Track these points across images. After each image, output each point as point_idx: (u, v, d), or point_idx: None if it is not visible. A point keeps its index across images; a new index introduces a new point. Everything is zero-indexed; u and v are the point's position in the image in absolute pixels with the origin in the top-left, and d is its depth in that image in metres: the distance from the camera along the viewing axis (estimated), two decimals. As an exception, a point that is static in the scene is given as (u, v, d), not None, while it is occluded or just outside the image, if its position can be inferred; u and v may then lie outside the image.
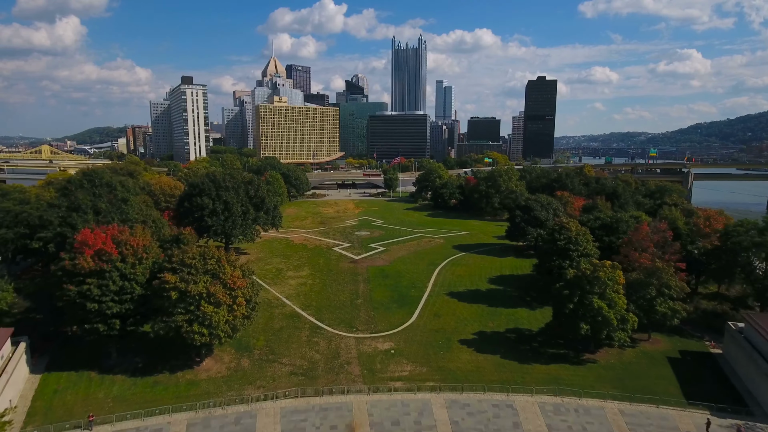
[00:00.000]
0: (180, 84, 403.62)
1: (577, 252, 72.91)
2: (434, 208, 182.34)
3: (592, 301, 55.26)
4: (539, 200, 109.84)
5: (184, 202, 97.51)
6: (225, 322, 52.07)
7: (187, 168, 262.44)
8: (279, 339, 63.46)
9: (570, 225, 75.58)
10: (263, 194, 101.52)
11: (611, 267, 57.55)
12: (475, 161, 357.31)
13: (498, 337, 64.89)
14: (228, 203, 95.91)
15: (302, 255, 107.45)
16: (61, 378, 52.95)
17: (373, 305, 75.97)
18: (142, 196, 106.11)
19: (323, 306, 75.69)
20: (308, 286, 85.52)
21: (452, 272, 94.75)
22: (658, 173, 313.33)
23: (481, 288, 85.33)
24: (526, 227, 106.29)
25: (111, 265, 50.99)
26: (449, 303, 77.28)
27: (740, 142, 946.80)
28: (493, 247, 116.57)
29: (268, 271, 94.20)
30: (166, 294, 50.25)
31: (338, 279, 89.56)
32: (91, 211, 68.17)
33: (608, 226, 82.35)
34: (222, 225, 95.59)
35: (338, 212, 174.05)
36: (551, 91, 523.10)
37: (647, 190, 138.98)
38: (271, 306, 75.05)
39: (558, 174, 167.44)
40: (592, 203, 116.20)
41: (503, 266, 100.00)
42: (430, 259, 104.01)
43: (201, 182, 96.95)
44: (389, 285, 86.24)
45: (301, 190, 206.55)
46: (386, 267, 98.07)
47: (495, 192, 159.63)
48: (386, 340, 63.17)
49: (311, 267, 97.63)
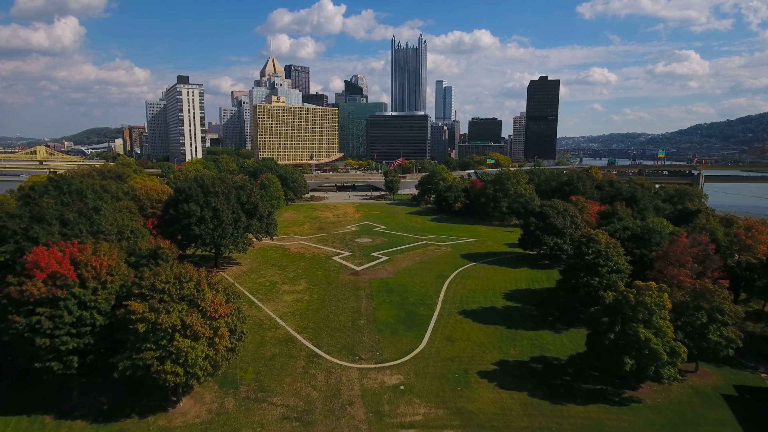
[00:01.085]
0: (176, 83, 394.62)
1: (608, 267, 64.56)
2: (438, 212, 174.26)
3: (638, 332, 46.96)
4: (555, 206, 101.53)
5: (169, 209, 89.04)
6: (204, 358, 43.66)
7: (179, 170, 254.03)
8: (270, 371, 55.01)
9: (599, 237, 67.22)
10: (256, 200, 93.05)
11: (657, 290, 49.24)
12: (477, 162, 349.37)
13: (522, 367, 56.52)
14: (217, 210, 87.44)
15: (299, 265, 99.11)
16: (8, 425, 44.44)
17: (378, 327, 67.59)
18: (125, 202, 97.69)
19: (321, 327, 67.28)
20: (305, 302, 77.10)
21: (463, 286, 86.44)
22: (666, 175, 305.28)
23: (497, 305, 77.00)
24: (541, 236, 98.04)
25: (67, 291, 42.54)
26: (463, 324, 68.91)
27: (741, 143, 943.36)
28: (504, 257, 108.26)
29: (261, 285, 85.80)
30: (131, 327, 41.82)
31: (338, 294, 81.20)
32: (57, 222, 59.73)
33: (639, 237, 73.98)
34: (211, 234, 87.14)
35: (338, 217, 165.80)
36: (554, 92, 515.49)
37: (666, 194, 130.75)
38: (263, 328, 66.62)
39: (568, 177, 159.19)
40: (611, 209, 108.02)
41: (518, 279, 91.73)
42: (437, 271, 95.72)
43: (188, 187, 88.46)
44: (395, 301, 77.88)
45: (299, 193, 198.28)
46: (390, 280, 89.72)
47: (503, 196, 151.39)
48: (394, 372, 54.76)
49: (308, 280, 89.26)
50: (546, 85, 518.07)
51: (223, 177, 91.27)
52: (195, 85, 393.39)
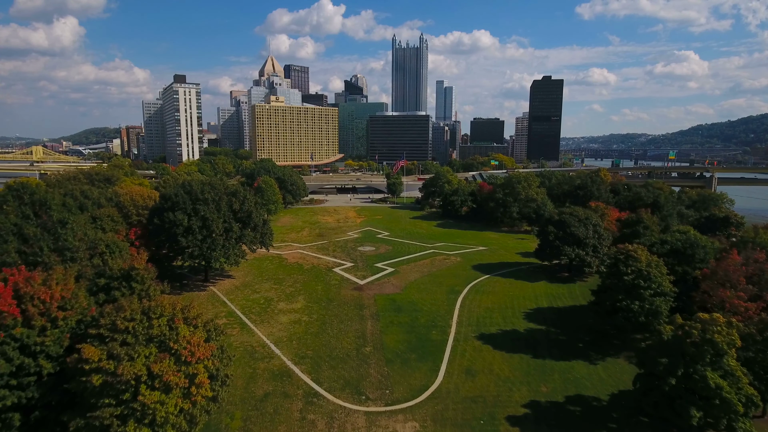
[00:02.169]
0: (172, 83, 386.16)
1: (651, 290, 56.22)
2: (443, 217, 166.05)
3: (706, 377, 38.65)
4: (575, 214, 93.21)
5: (154, 218, 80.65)
6: (178, 414, 35.35)
7: (174, 171, 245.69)
8: (262, 415, 46.61)
9: (638, 253, 58.82)
10: (250, 207, 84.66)
11: (727, 325, 40.94)
12: (481, 164, 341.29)
13: (557, 410, 48.18)
14: (207, 219, 79.06)
15: (297, 278, 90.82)
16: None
17: (386, 355, 59.25)
18: (107, 209, 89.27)
19: (322, 357, 58.92)
20: (303, 325, 68.71)
21: (478, 303, 78.14)
22: (675, 177, 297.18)
23: (518, 327, 68.64)
24: (561, 246, 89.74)
25: (5, 333, 34.19)
26: (482, 352, 60.56)
27: (743, 144, 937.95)
28: (519, 268, 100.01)
29: (255, 303, 77.43)
30: (85, 378, 33.49)
31: (340, 314, 72.85)
32: (15, 238, 51.40)
33: (680, 252, 65.58)
34: (199, 246, 78.80)
35: (338, 222, 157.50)
36: (557, 92, 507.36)
37: (689, 199, 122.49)
38: (255, 357, 58.24)
39: (582, 180, 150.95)
40: (634, 217, 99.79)
41: (537, 294, 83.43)
42: (449, 285, 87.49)
43: (174, 194, 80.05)
44: (404, 323, 69.53)
45: (298, 196, 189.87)
46: (398, 296, 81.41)
47: (513, 200, 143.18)
48: (408, 418, 46.38)
49: (307, 296, 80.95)
50: (549, 85, 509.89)
51: (214, 182, 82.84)
52: (192, 84, 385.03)
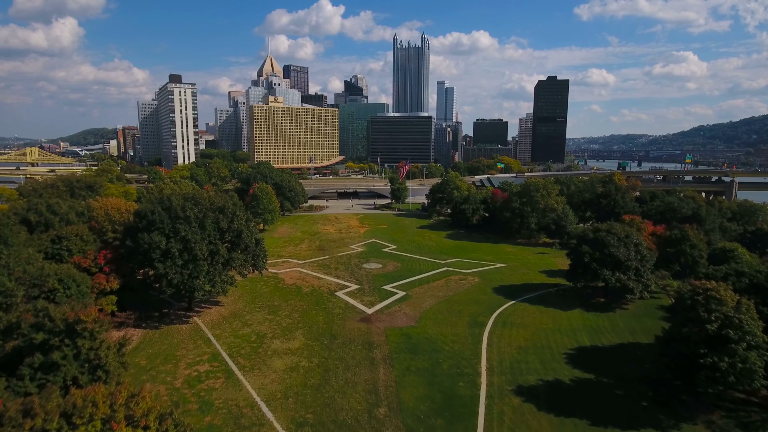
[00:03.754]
0: (167, 83, 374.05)
1: (745, 343, 44.30)
2: (453, 227, 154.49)
3: None
4: (614, 231, 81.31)
5: (126, 239, 68.67)
6: None
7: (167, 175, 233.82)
8: None
9: (722, 293, 46.87)
10: (240, 226, 72.70)
11: None
12: (487, 167, 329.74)
13: None
14: (188, 241, 67.10)
15: (295, 306, 79.02)
16: None
17: (406, 421, 47.28)
18: (77, 226, 77.47)
19: (325, 423, 46.92)
20: (301, 373, 56.72)
21: (509, 341, 66.25)
22: (690, 182, 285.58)
23: (562, 376, 56.70)
24: (599, 270, 77.94)
25: None
26: (525, 415, 48.60)
27: (745, 145, 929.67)
28: (547, 291, 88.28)
29: (245, 340, 65.46)
30: None
31: (346, 357, 60.91)
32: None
33: (763, 286, 53.73)
34: (179, 272, 66.87)
35: (340, 232, 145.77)
36: (562, 92, 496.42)
37: (730, 211, 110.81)
38: (241, 425, 46.15)
39: (605, 188, 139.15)
40: (678, 233, 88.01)
41: (575, 327, 71.54)
42: (470, 314, 75.75)
43: (150, 211, 68.05)
44: (423, 370, 57.61)
45: (297, 203, 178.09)
46: (412, 330, 69.50)
47: (531, 210, 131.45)
48: None
49: (307, 330, 69.05)
50: (555, 86, 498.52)
51: (198, 197, 70.93)
52: (187, 84, 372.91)
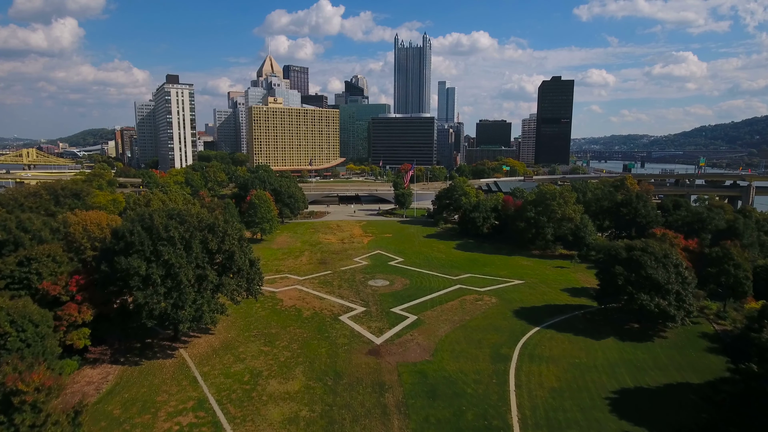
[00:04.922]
0: (164, 83, 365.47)
1: None
2: (462, 236, 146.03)
3: None
4: (650, 250, 72.72)
5: (101, 264, 60.07)
6: None
7: (162, 179, 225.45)
8: None
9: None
10: (232, 246, 64.06)
11: None
12: (491, 169, 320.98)
13: None
14: (172, 266, 58.50)
15: (294, 334, 70.47)
16: None
17: (428, 497, 38.79)
18: (50, 246, 68.78)
19: (330, 499, 38.46)
20: (302, 426, 48.05)
21: (539, 380, 57.65)
22: (702, 185, 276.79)
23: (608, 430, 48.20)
24: (636, 294, 69.33)
25: None
26: (573, 488, 40.12)
27: (748, 146, 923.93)
28: (573, 315, 79.72)
29: (237, 381, 56.80)
30: None
31: (353, 404, 52.24)
32: None
33: None
34: (161, 302, 58.24)
35: (343, 242, 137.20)
36: (567, 93, 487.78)
37: (767, 222, 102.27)
38: (228, 505, 37.75)
39: (625, 196, 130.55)
40: (719, 252, 79.37)
41: (612, 362, 62.87)
42: (491, 344, 67.26)
43: (129, 231, 59.44)
44: (444, 422, 48.98)
45: (296, 209, 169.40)
46: (428, 366, 60.85)
47: (547, 220, 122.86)
48: None
49: (308, 367, 60.41)
50: (559, 86, 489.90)
51: (184, 214, 62.33)
52: (185, 84, 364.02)
